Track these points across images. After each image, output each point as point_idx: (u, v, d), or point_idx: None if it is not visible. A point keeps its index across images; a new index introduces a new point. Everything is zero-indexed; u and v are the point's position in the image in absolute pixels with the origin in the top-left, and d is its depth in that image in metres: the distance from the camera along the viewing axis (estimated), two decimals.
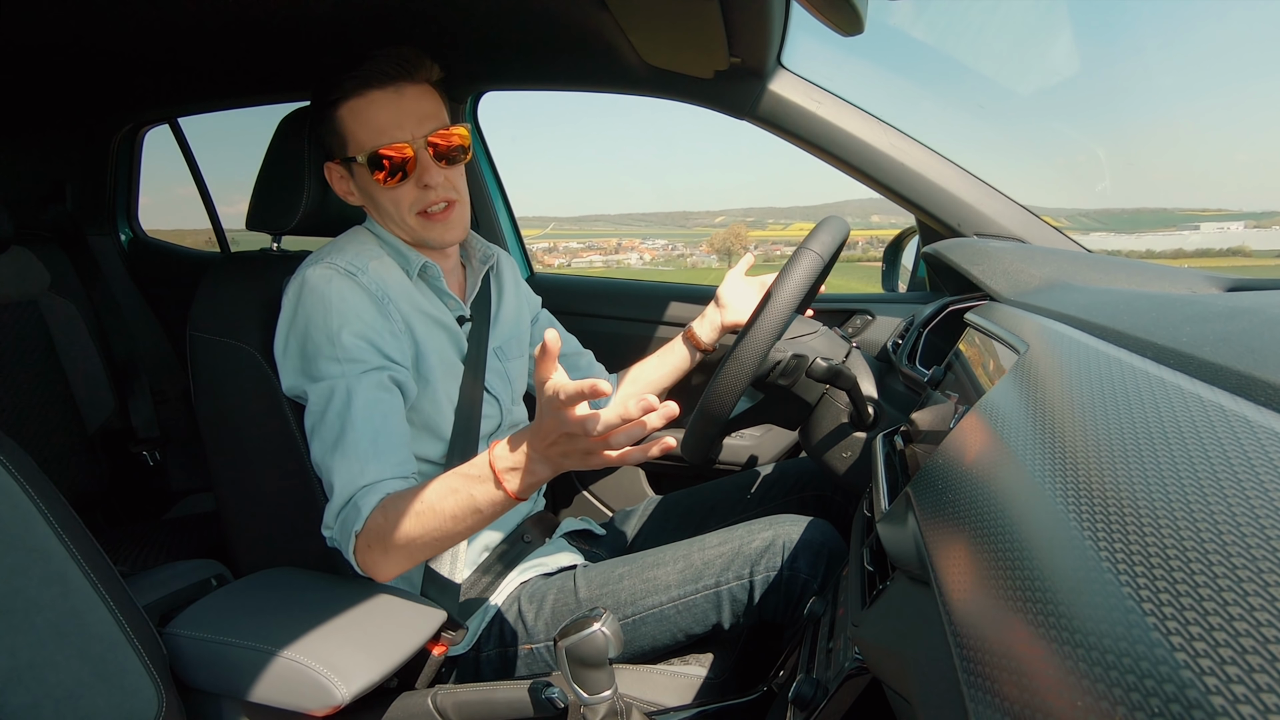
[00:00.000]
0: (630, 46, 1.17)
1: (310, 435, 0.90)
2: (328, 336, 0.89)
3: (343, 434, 0.86)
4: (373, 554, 0.84)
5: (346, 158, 0.95)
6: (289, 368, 0.93)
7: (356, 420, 0.87)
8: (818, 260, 0.91)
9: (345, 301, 0.90)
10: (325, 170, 0.99)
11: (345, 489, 0.85)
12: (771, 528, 0.97)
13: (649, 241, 9.08)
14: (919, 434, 0.74)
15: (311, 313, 0.90)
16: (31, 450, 0.73)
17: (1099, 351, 0.49)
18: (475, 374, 1.03)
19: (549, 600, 0.98)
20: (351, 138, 0.93)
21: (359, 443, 0.86)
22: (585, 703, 0.70)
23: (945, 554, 0.42)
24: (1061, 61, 8.73)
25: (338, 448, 0.86)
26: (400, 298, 0.96)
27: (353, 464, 0.85)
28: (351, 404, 0.87)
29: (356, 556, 0.85)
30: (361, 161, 0.93)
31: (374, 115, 0.92)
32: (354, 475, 0.85)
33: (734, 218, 14.25)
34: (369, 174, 0.93)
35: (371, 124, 0.92)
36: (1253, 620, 0.22)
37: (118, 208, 1.97)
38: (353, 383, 0.88)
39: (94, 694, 0.65)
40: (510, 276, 1.19)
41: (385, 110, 0.92)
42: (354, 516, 0.84)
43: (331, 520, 0.86)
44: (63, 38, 1.19)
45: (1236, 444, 0.30)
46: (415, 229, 0.97)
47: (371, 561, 0.84)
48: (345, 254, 0.94)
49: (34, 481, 0.67)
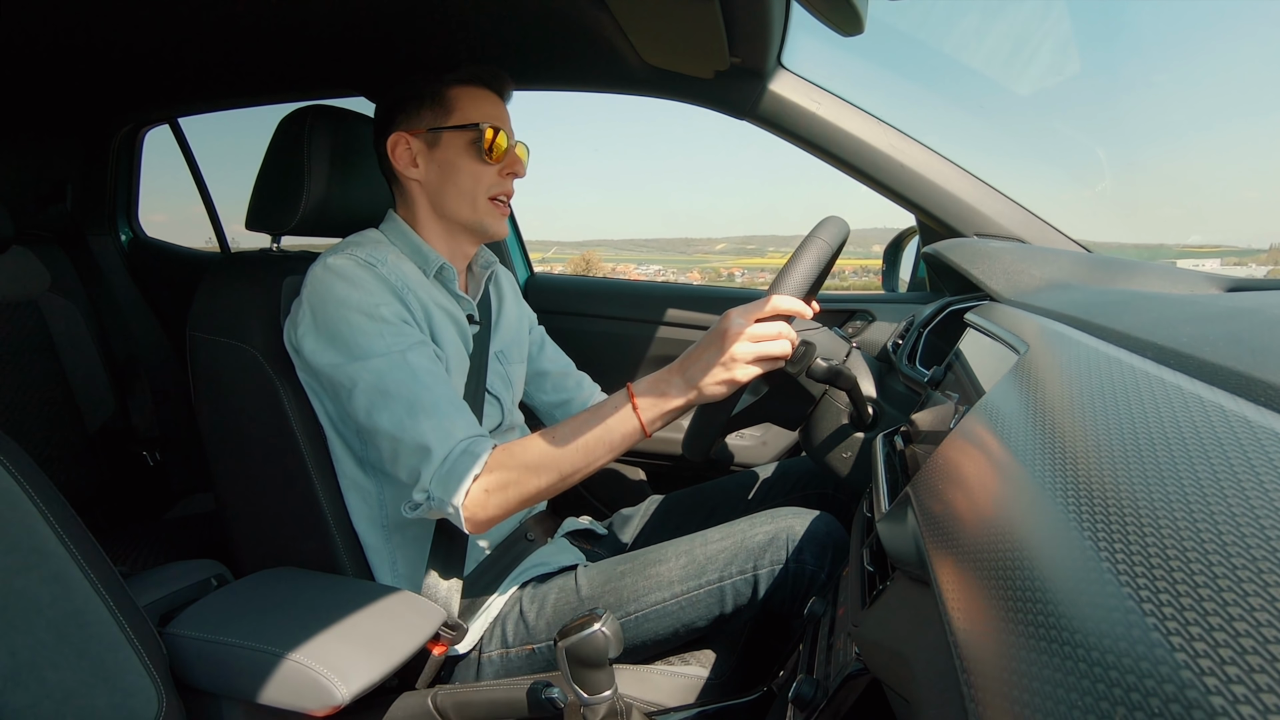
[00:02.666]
0: (630, 46, 1.17)
1: (371, 411, 0.88)
2: (367, 314, 0.89)
3: (418, 397, 0.87)
4: (491, 497, 0.84)
5: (444, 126, 0.99)
6: (323, 351, 0.91)
7: (430, 384, 0.88)
8: (825, 248, 0.91)
9: (375, 284, 0.92)
10: (392, 140, 1.00)
11: (444, 443, 0.85)
12: (773, 521, 0.97)
13: (642, 267, 9.21)
14: (919, 434, 0.74)
15: (345, 295, 0.90)
16: (31, 450, 0.73)
17: (1099, 351, 0.49)
18: (478, 374, 1.04)
19: (550, 600, 0.98)
20: (460, 111, 0.99)
21: (439, 403, 0.87)
22: (585, 703, 0.70)
23: (945, 554, 0.42)
24: (1071, 66, 8.61)
25: (418, 411, 0.86)
26: (419, 288, 0.98)
27: (442, 421, 0.86)
28: (418, 371, 0.88)
29: (469, 504, 0.84)
30: (480, 127, 0.98)
31: (487, 105, 1.01)
32: (449, 430, 0.86)
33: (735, 244, 14.37)
34: (466, 144, 0.99)
35: (484, 109, 1.01)
36: (1253, 620, 0.22)
37: (118, 208, 1.97)
38: (410, 353, 0.89)
39: (94, 694, 0.65)
40: (509, 287, 1.21)
41: (496, 108, 1.03)
42: (469, 462, 0.84)
43: (430, 480, 0.85)
44: (63, 38, 1.19)
45: (1236, 444, 0.30)
46: (481, 210, 1.02)
47: (486, 505, 0.84)
48: (363, 248, 0.95)
49: (34, 481, 0.67)
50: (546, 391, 1.26)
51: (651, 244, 9.22)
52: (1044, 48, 3.55)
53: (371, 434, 0.89)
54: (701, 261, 7.85)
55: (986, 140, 1.64)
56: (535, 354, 1.26)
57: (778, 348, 0.84)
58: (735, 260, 11.49)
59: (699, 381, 0.84)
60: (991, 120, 1.64)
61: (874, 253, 1.81)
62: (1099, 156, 1.44)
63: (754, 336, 0.83)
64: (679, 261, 7.52)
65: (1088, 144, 2.36)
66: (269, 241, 1.11)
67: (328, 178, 1.04)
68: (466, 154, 0.99)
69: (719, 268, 8.42)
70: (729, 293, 1.70)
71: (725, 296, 1.63)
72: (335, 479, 0.99)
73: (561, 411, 1.26)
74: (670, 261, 7.36)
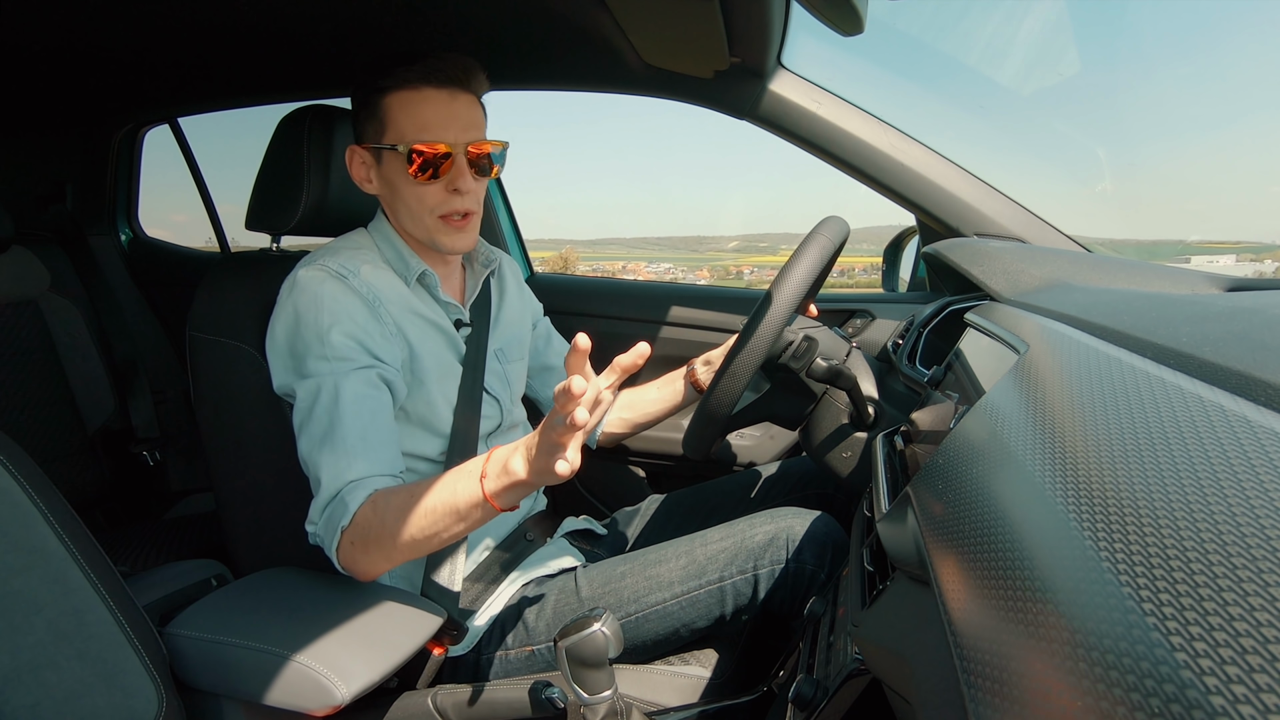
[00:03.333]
0: (630, 46, 1.17)
1: (298, 431, 0.89)
2: (317, 335, 0.89)
3: (330, 429, 0.86)
4: (356, 551, 0.83)
5: (380, 145, 0.94)
6: (279, 366, 0.93)
7: (345, 416, 0.86)
8: (825, 248, 0.91)
9: (336, 302, 0.90)
10: (348, 154, 0.98)
11: (332, 484, 0.84)
12: (773, 521, 0.97)
13: (652, 265, 9.15)
14: (919, 434, 0.74)
15: (303, 312, 0.90)
16: (31, 450, 0.73)
17: (1099, 351, 0.49)
18: (474, 375, 1.03)
19: (550, 601, 0.98)
20: (393, 126, 0.92)
21: (346, 438, 0.86)
22: (585, 703, 0.70)
23: (945, 554, 0.42)
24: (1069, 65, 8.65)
25: (325, 443, 0.86)
26: (392, 301, 0.96)
27: (340, 459, 0.85)
28: (339, 400, 0.87)
29: (340, 554, 0.84)
30: (401, 150, 0.92)
31: (423, 110, 0.91)
32: (341, 470, 0.85)
33: (748, 241, 14.28)
34: (402, 165, 0.92)
35: (418, 118, 0.92)
36: (1253, 620, 0.22)
37: (118, 208, 1.97)
38: (340, 380, 0.88)
39: (94, 694, 0.65)
40: (513, 280, 1.19)
41: (436, 109, 0.92)
42: (341, 512, 0.83)
43: (316, 516, 0.85)
44: (62, 38, 1.19)
45: (1236, 444, 0.30)
46: (431, 230, 0.96)
47: (355, 559, 0.83)
48: (338, 257, 0.94)
49: (34, 481, 0.67)
50: (553, 386, 1.25)
51: (664, 242, 9.21)
52: (1046, 45, 3.50)
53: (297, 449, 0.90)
54: (714, 259, 7.85)
55: (993, 139, 1.64)
56: (542, 348, 1.25)
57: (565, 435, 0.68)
58: (746, 258, 11.44)
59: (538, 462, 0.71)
60: (994, 119, 1.63)
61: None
62: (1100, 155, 1.44)
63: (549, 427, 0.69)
64: (691, 259, 7.52)
65: (1114, 138, 2.35)
66: (269, 241, 1.11)
67: (327, 178, 1.04)
68: (403, 174, 0.93)
69: (729, 265, 8.46)
70: (730, 292, 1.70)
71: (726, 296, 1.63)
72: None
73: (541, 381, 1.25)
74: (682, 260, 7.38)
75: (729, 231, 9.24)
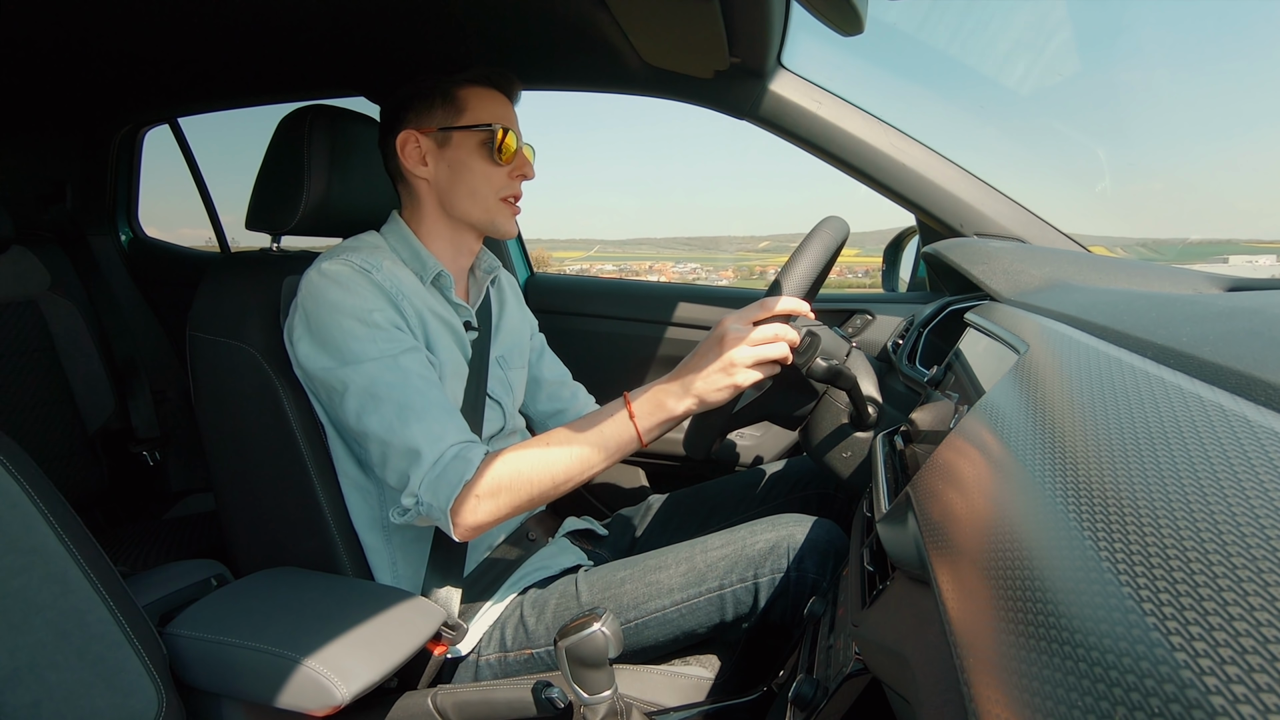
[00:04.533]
0: (630, 46, 1.17)
1: (361, 415, 0.88)
2: (359, 319, 0.89)
3: (409, 402, 0.86)
4: (481, 501, 0.84)
5: (455, 126, 0.99)
6: (315, 355, 0.91)
7: (421, 388, 0.88)
8: (825, 247, 0.91)
9: (368, 290, 0.92)
10: (402, 138, 1.00)
11: (434, 447, 0.85)
12: (774, 529, 0.97)
13: (679, 265, 9.13)
14: (919, 434, 0.74)
15: (337, 299, 0.90)
16: (31, 450, 0.73)
17: (1099, 351, 0.49)
18: (479, 379, 1.04)
19: (551, 605, 0.98)
20: (472, 111, 1.00)
21: (431, 408, 0.87)
22: (585, 703, 0.70)
23: (945, 554, 0.42)
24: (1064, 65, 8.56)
25: (409, 415, 0.86)
26: (413, 295, 0.97)
27: (433, 425, 0.86)
28: (409, 376, 0.88)
29: (458, 507, 0.84)
30: (491, 129, 0.99)
31: (497, 106, 1.01)
32: (440, 434, 0.86)
33: (779, 242, 14.30)
34: (476, 145, 0.99)
35: (494, 110, 1.01)
36: (1253, 620, 0.22)
37: (118, 208, 1.97)
38: (402, 358, 0.89)
39: (94, 694, 0.66)
40: (511, 292, 1.21)
41: (506, 109, 1.03)
42: (460, 467, 0.84)
43: (417, 485, 0.85)
44: (62, 38, 1.19)
45: (1236, 444, 0.30)
46: (493, 211, 1.02)
47: (475, 510, 0.84)
48: (359, 253, 0.95)
49: (34, 481, 0.67)
50: (541, 400, 1.25)
51: (695, 242, 9.22)
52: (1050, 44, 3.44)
53: (362, 438, 0.89)
54: (742, 259, 7.81)
55: (1000, 139, 1.63)
56: (534, 361, 1.26)
57: (776, 350, 0.84)
58: (773, 258, 11.40)
59: (698, 389, 0.84)
60: (1020, 117, 1.62)
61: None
62: (1100, 156, 1.44)
63: (752, 340, 0.83)
64: (718, 260, 7.47)
65: (1140, 135, 2.33)
66: (269, 241, 1.11)
67: (328, 178, 1.04)
68: (477, 154, 1.00)
69: (754, 265, 8.46)
70: (732, 292, 1.70)
71: (728, 296, 1.63)
72: (335, 479, 0.99)
73: (555, 421, 1.26)
74: (708, 260, 7.34)
75: (761, 231, 9.18)
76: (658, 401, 0.85)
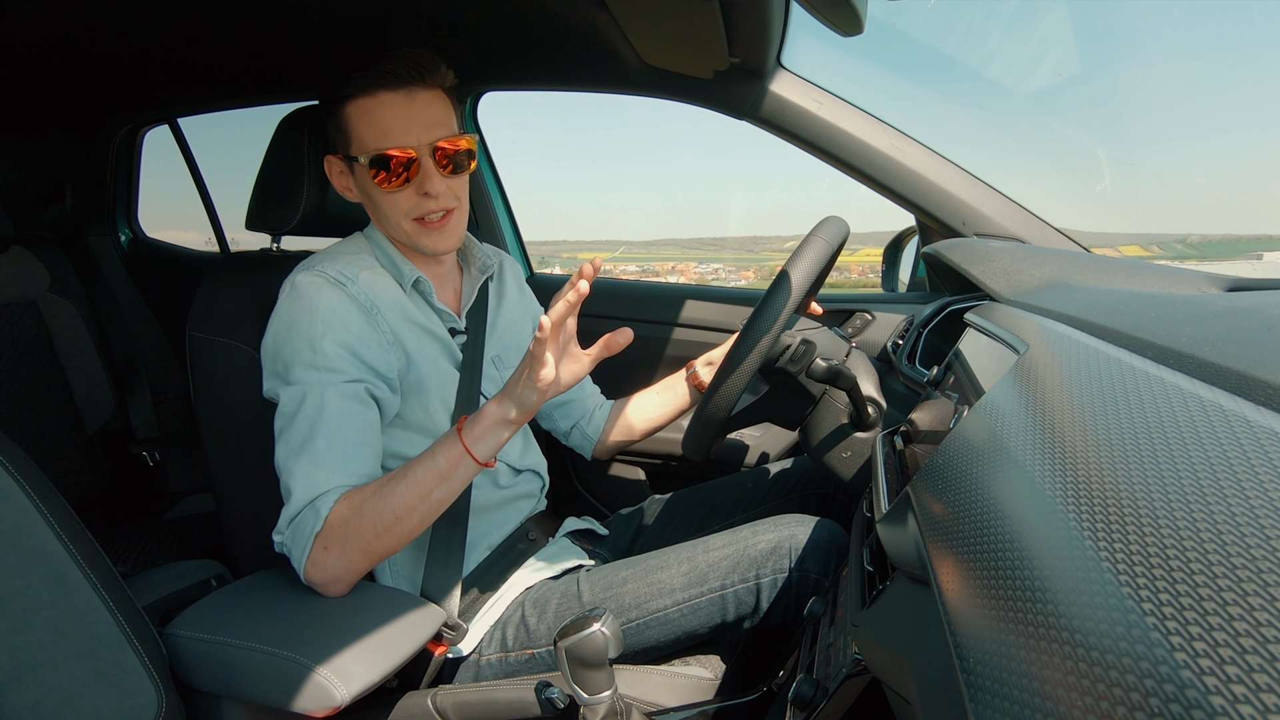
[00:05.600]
0: (630, 46, 1.18)
1: (277, 436, 0.89)
2: (309, 343, 0.89)
3: (310, 440, 0.86)
4: (330, 555, 0.82)
5: (349, 155, 0.94)
6: (267, 369, 0.93)
7: (327, 428, 0.86)
8: (825, 247, 0.91)
9: (332, 310, 0.90)
10: (325, 163, 0.99)
11: (304, 494, 0.84)
12: (776, 529, 0.96)
13: (702, 266, 9.10)
14: (919, 434, 0.74)
15: (296, 318, 0.90)
16: (31, 450, 0.73)
17: (1099, 351, 0.49)
18: (471, 383, 1.03)
19: (552, 604, 0.98)
20: (356, 136, 0.92)
21: (326, 451, 0.85)
22: (585, 703, 0.70)
23: (945, 554, 0.42)
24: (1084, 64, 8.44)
25: (303, 452, 0.85)
26: (390, 309, 0.96)
27: (316, 470, 0.84)
28: (324, 411, 0.87)
29: (311, 563, 0.83)
30: (363, 162, 0.92)
31: (382, 116, 0.91)
32: (315, 482, 0.84)
33: None
34: (369, 175, 0.93)
35: (378, 125, 0.91)
36: (1253, 620, 0.22)
37: (118, 208, 1.97)
38: (327, 390, 0.88)
39: (94, 694, 0.65)
40: (513, 283, 1.18)
41: (394, 112, 0.91)
42: (311, 519, 0.82)
43: (284, 525, 0.85)
44: (62, 38, 1.19)
45: (1236, 444, 0.30)
46: (409, 234, 0.96)
47: (327, 564, 0.82)
48: (337, 263, 0.94)
49: (34, 482, 0.67)
50: None
51: (720, 242, 9.18)
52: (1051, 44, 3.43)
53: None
54: (766, 259, 7.78)
55: (1003, 138, 1.63)
56: None
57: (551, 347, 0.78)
58: None
59: (514, 394, 0.81)
60: (1024, 117, 1.62)
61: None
62: (1101, 155, 1.44)
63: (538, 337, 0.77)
64: (743, 260, 7.43)
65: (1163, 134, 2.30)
66: (269, 241, 1.11)
67: (327, 178, 1.04)
68: (372, 183, 0.93)
69: (777, 266, 8.42)
70: (734, 292, 1.70)
71: (727, 296, 1.63)
72: None
73: (561, 413, 1.25)
74: (731, 260, 7.27)
75: (787, 231, 8.97)
76: (485, 415, 0.83)
